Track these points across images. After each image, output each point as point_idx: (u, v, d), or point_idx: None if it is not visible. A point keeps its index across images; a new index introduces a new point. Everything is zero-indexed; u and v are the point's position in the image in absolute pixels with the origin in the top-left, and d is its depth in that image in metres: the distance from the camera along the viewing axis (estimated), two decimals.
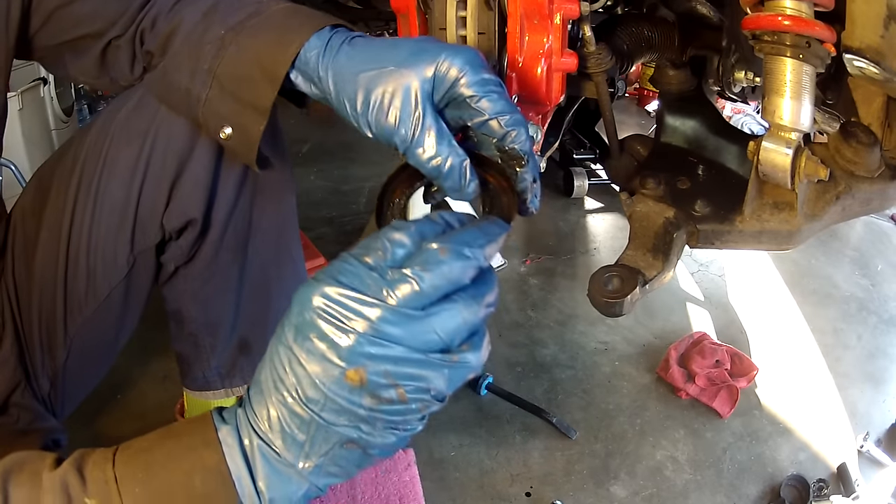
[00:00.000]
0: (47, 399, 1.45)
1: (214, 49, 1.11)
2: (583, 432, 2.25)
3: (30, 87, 3.37)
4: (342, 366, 0.70)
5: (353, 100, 0.98)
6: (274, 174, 1.44)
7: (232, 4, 1.16)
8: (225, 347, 1.62)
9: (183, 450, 0.77)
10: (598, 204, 3.86)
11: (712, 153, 1.55)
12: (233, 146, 1.16)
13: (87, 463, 0.76)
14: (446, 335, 0.73)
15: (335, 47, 1.03)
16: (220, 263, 1.49)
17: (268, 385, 0.75)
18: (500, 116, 0.95)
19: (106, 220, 1.34)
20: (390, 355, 0.70)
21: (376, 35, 6.58)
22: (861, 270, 3.30)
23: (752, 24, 1.17)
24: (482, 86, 0.94)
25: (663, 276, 1.35)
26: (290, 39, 1.05)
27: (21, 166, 3.09)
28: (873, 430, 2.28)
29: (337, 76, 1.01)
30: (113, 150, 1.32)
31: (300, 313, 0.73)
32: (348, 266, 0.74)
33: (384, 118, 0.96)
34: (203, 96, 1.13)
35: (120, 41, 1.25)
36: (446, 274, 0.73)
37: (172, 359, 1.73)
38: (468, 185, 0.96)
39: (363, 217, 3.58)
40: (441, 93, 0.96)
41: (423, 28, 1.37)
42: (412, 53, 0.97)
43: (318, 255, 2.90)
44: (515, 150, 0.97)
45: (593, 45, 1.42)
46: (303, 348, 0.72)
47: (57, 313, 1.40)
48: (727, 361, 2.48)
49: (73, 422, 1.61)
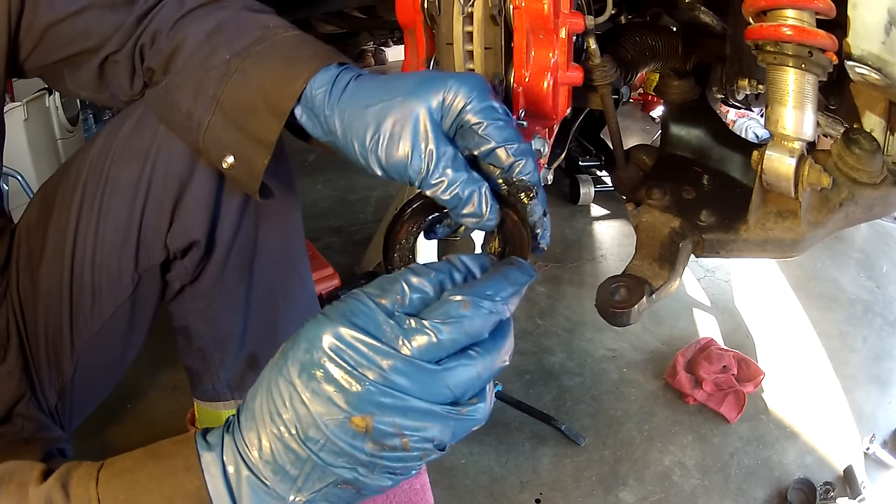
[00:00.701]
0: (55, 411, 1.44)
1: (219, 74, 1.09)
2: (591, 439, 2.26)
3: (35, 97, 3.38)
4: (348, 411, 0.68)
5: (363, 136, 0.94)
6: (279, 194, 1.42)
7: (238, 26, 1.14)
8: (234, 362, 1.61)
9: (164, 473, 0.74)
10: (605, 211, 3.88)
11: (717, 162, 1.56)
12: (235, 176, 1.14)
13: (72, 479, 0.75)
14: (458, 390, 0.71)
15: (342, 85, 1.00)
16: (226, 283, 1.48)
17: (262, 414, 0.73)
18: (507, 145, 0.92)
19: (109, 239, 1.34)
20: (400, 406, 0.69)
21: (380, 44, 6.57)
22: (866, 273, 3.31)
23: (755, 35, 1.18)
24: (489, 113, 0.92)
25: (670, 285, 1.36)
26: (296, 73, 1.03)
27: (27, 176, 3.10)
28: (879, 433, 2.29)
29: (344, 113, 0.98)
30: (114, 168, 1.31)
31: (308, 350, 0.71)
32: (364, 308, 0.72)
33: (395, 151, 0.92)
34: (205, 122, 1.11)
35: (118, 56, 1.23)
36: (466, 329, 0.71)
37: (182, 370, 1.73)
38: (490, 210, 0.91)
39: (370, 226, 3.59)
40: (449, 121, 0.93)
41: (430, 43, 1.38)
42: (418, 84, 0.94)
43: (327, 265, 2.91)
44: (524, 182, 0.94)
45: (598, 58, 1.42)
46: (307, 387, 0.70)
47: (63, 329, 1.39)
48: (734, 366, 2.49)
49: (82, 431, 1.62)
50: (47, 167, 3.36)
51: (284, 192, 1.45)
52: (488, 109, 0.92)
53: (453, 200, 0.90)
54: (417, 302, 0.74)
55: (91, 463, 0.77)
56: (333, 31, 3.72)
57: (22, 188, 3.02)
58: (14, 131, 3.24)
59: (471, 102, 0.91)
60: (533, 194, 0.94)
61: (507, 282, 0.76)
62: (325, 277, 2.91)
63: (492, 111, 0.92)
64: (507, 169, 0.93)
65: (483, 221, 0.92)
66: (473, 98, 0.91)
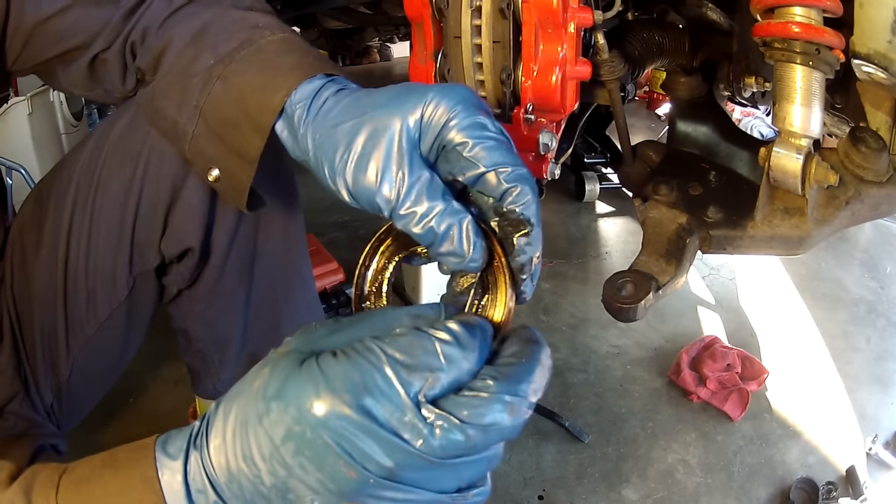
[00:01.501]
0: (51, 411, 1.42)
1: (202, 82, 1.00)
2: (595, 436, 2.26)
3: (39, 91, 3.39)
4: (339, 498, 0.61)
5: (332, 157, 0.80)
6: (279, 195, 1.38)
7: (224, 27, 1.06)
8: (235, 363, 1.59)
9: (120, 486, 0.68)
10: (609, 208, 3.88)
11: (724, 159, 1.56)
12: (221, 189, 1.06)
13: (35, 485, 0.70)
14: (468, 482, 0.65)
15: (321, 102, 0.88)
16: (225, 287, 1.44)
17: (234, 450, 0.65)
18: (497, 168, 0.75)
19: (103, 243, 1.30)
20: (399, 498, 0.61)
21: (385, 40, 6.53)
22: (870, 273, 3.30)
23: (763, 31, 1.18)
24: (475, 130, 0.76)
25: (676, 281, 1.36)
26: (277, 85, 0.92)
27: (31, 170, 3.10)
28: (882, 433, 2.29)
29: (316, 133, 0.84)
30: (105, 171, 1.27)
31: (298, 421, 0.61)
32: (382, 385, 0.61)
33: (362, 174, 0.77)
34: (190, 132, 1.03)
35: (107, 54, 1.19)
36: (497, 434, 0.63)
37: (184, 364, 1.72)
38: (472, 248, 0.75)
39: (375, 222, 3.57)
40: (429, 141, 0.78)
41: (438, 36, 1.38)
42: (395, 96, 0.80)
43: (331, 260, 2.91)
44: (515, 213, 0.77)
45: (606, 53, 1.43)
46: (294, 460, 0.61)
47: (58, 330, 1.36)
48: (738, 365, 2.49)
49: (84, 425, 1.60)
50: (51, 161, 3.34)
51: (285, 193, 1.42)
52: (475, 126, 0.76)
53: (427, 235, 0.75)
54: (449, 385, 0.63)
55: (55, 467, 0.73)
56: (339, 26, 3.72)
57: (26, 182, 3.02)
58: (18, 125, 3.26)
59: (454, 118, 0.76)
60: (527, 230, 0.77)
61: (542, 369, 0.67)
62: (330, 272, 2.91)
63: (479, 128, 0.76)
64: (498, 197, 0.78)
65: (465, 262, 0.75)
66: (457, 113, 0.77)
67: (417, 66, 1.45)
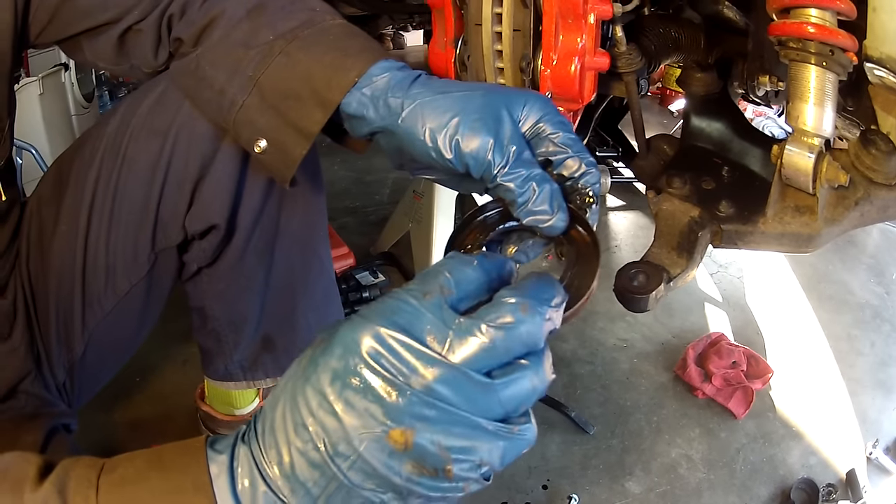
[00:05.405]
0: (62, 388, 1.43)
1: (260, 55, 1.05)
2: (600, 427, 2.28)
3: (51, 72, 3.40)
4: (387, 424, 0.61)
5: (440, 118, 0.91)
6: (304, 178, 1.40)
7: (282, 6, 1.10)
8: (248, 344, 1.60)
9: (170, 490, 0.66)
10: (620, 202, 3.89)
11: (737, 155, 1.57)
12: (266, 161, 1.10)
13: (69, 483, 0.67)
14: (511, 405, 0.65)
15: (411, 76, 0.98)
16: (245, 266, 1.46)
17: (285, 426, 0.65)
18: (580, 154, 0.92)
19: (125, 219, 1.31)
20: (445, 420, 0.61)
21: (399, 28, 6.54)
22: (876, 278, 3.31)
23: (778, 31, 1.19)
24: (563, 126, 0.93)
25: (687, 273, 1.37)
26: (349, 64, 1.00)
27: (42, 150, 3.12)
28: (882, 438, 2.29)
29: (417, 97, 0.94)
30: (132, 147, 1.28)
31: (343, 356, 0.63)
32: (406, 306, 0.64)
33: (476, 138, 0.88)
34: (239, 101, 1.07)
35: (141, 25, 1.20)
36: (524, 337, 0.65)
37: (193, 344, 1.74)
38: (560, 210, 0.87)
39: (386, 208, 3.61)
40: (527, 126, 0.92)
41: (459, 23, 1.39)
42: (498, 88, 0.95)
43: (342, 245, 2.93)
44: (587, 191, 0.92)
45: (624, 46, 1.44)
46: (340, 397, 0.62)
47: (75, 307, 1.37)
48: (743, 363, 2.50)
49: (93, 405, 1.61)
50: (62, 142, 3.39)
51: (310, 176, 1.43)
52: (563, 123, 0.93)
53: (527, 193, 0.86)
54: (465, 295, 0.68)
55: (89, 463, 0.70)
56: (354, 13, 3.72)
57: (36, 162, 3.04)
58: (29, 106, 3.27)
59: (547, 115, 0.93)
60: (595, 203, 0.94)
61: (555, 288, 0.71)
62: (341, 256, 2.93)
63: (566, 125, 0.93)
64: (577, 178, 0.92)
65: (552, 221, 0.87)
66: (549, 111, 0.93)
67: (437, 53, 1.47)
